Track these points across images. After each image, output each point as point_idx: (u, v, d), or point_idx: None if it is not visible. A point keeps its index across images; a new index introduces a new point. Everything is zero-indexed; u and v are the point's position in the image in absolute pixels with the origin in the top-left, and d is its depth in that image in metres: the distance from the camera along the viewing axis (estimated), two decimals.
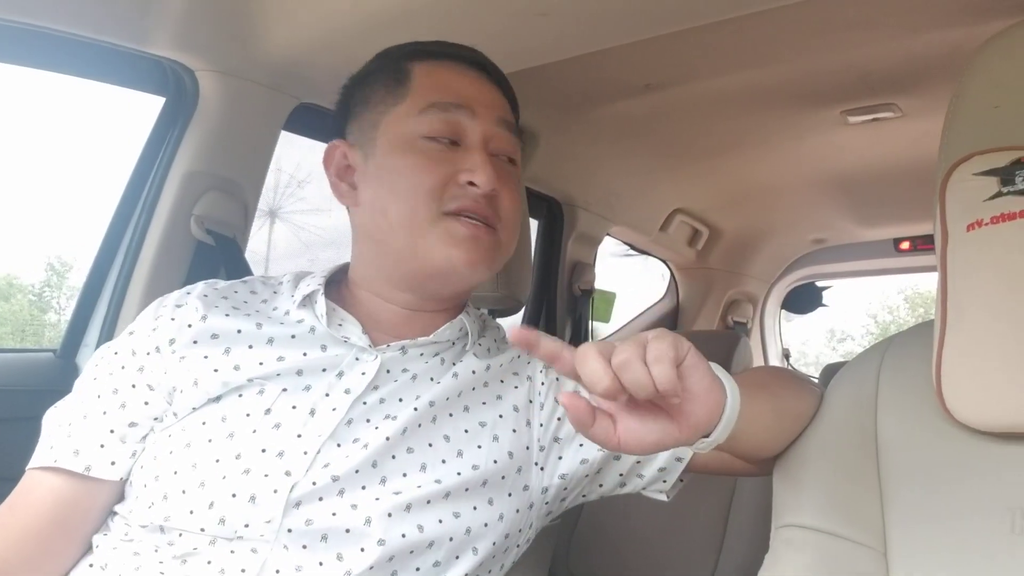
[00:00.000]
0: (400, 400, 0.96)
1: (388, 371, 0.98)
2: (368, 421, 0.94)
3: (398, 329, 1.02)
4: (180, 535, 0.87)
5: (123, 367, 0.97)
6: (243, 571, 0.85)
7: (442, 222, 0.96)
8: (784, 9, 1.28)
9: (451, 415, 0.98)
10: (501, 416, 1.01)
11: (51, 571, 0.94)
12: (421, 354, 1.01)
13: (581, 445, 1.03)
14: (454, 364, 1.03)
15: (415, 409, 0.95)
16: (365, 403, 0.94)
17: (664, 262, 3.10)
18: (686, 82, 1.75)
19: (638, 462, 1.03)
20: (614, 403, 0.69)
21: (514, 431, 1.01)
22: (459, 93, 1.00)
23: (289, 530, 0.86)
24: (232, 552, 0.86)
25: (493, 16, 1.33)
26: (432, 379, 1.00)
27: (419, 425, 0.95)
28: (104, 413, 0.95)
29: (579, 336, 2.57)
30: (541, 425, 1.03)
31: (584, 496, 1.08)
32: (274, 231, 2.59)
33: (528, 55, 1.48)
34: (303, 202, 2.63)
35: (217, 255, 1.54)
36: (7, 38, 1.30)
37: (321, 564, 0.86)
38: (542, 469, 1.02)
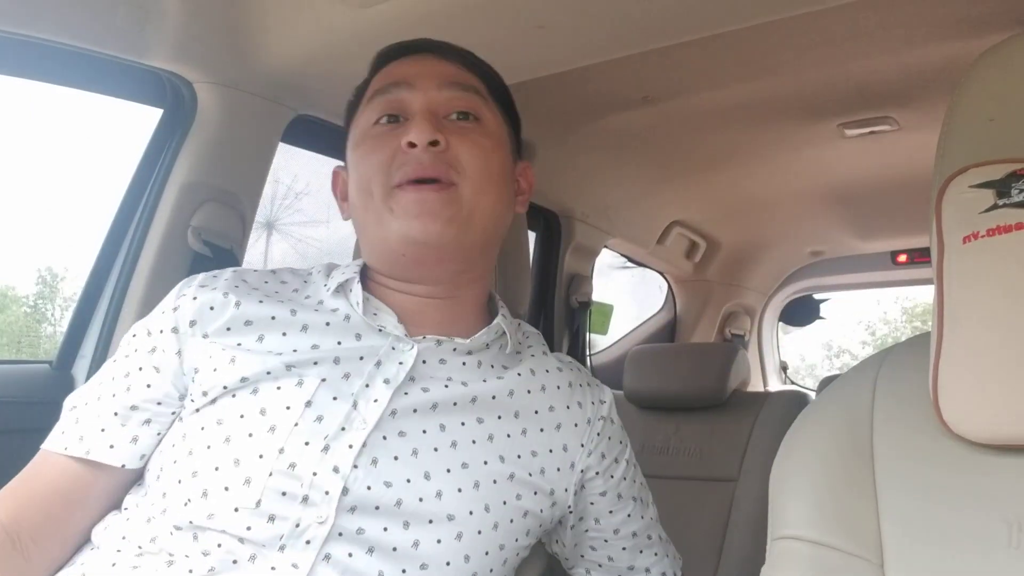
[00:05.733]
0: (442, 391, 0.95)
1: (424, 361, 0.96)
2: (415, 412, 0.93)
3: (433, 325, 1.00)
4: (219, 544, 0.84)
5: (136, 349, 0.96)
6: None
7: (392, 197, 0.94)
8: (781, 23, 1.28)
9: (499, 417, 0.98)
10: (551, 450, 1.01)
11: (55, 549, 0.93)
12: (455, 349, 0.99)
13: (598, 520, 1.07)
14: (504, 368, 1.02)
15: (455, 404, 0.95)
16: (407, 393, 0.93)
17: (662, 274, 3.10)
18: (684, 95, 1.76)
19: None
20: None
21: (558, 469, 1.01)
22: (396, 74, 1.01)
23: (340, 534, 0.85)
24: (272, 569, 0.84)
25: (491, 29, 1.34)
26: (474, 379, 0.99)
27: (462, 423, 0.95)
28: (113, 395, 0.94)
29: (576, 348, 2.57)
30: (582, 471, 1.04)
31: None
32: (271, 243, 2.59)
33: (526, 68, 1.48)
34: (300, 214, 2.63)
35: (214, 267, 1.54)
36: (6, 50, 1.31)
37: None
38: (570, 511, 1.05)
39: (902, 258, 2.97)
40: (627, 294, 3.19)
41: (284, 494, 0.85)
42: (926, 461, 0.81)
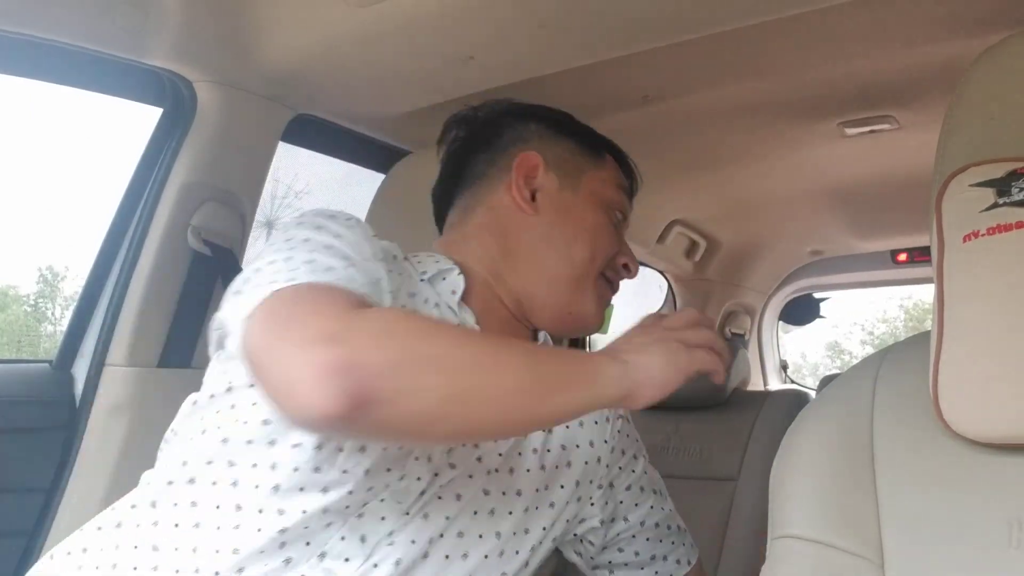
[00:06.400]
0: None
1: None
2: None
3: (497, 329, 1.08)
4: None
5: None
6: None
7: (600, 283, 1.12)
8: (782, 22, 1.28)
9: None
10: (578, 445, 1.11)
11: None
12: None
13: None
14: None
15: None
16: None
17: (662, 273, 3.10)
18: (684, 94, 1.76)
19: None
20: None
21: (586, 463, 1.11)
22: (628, 192, 1.22)
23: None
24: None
25: (491, 28, 1.34)
26: None
27: None
28: None
29: (577, 347, 2.57)
30: (607, 467, 1.15)
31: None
32: None
33: (526, 66, 1.48)
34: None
35: (214, 266, 1.54)
36: (5, 49, 1.31)
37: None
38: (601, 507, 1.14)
39: (902, 257, 2.97)
40: (627, 293, 3.19)
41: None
42: (926, 460, 0.82)
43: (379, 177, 1.59)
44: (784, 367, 3.56)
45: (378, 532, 0.91)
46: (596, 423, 1.13)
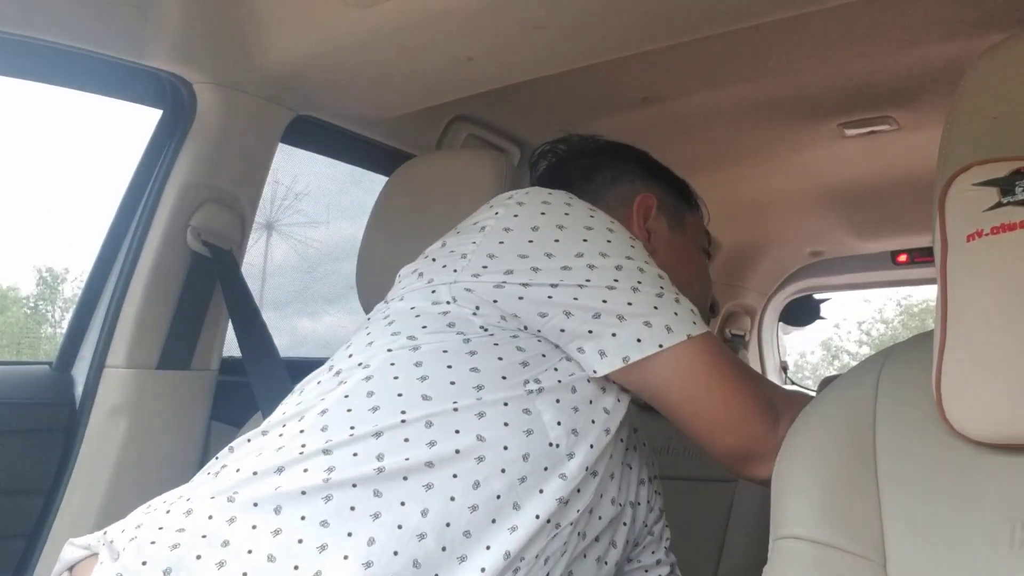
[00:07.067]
0: None
1: None
2: None
3: None
4: None
5: None
6: None
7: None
8: (781, 23, 1.28)
9: None
10: None
11: None
12: None
13: None
14: None
15: None
16: None
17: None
18: (683, 95, 1.76)
19: None
20: None
21: None
22: (708, 245, 1.29)
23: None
24: None
25: (490, 29, 1.34)
26: None
27: None
28: None
29: None
30: None
31: None
32: (271, 244, 2.59)
33: (525, 68, 1.48)
34: (300, 215, 2.63)
35: (213, 268, 1.54)
36: (6, 51, 1.30)
37: None
38: None
39: (902, 258, 2.97)
40: None
41: None
42: (929, 460, 0.81)
43: (381, 179, 1.58)
44: (784, 368, 3.56)
45: None
46: None
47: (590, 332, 0.91)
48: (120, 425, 1.47)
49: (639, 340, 0.90)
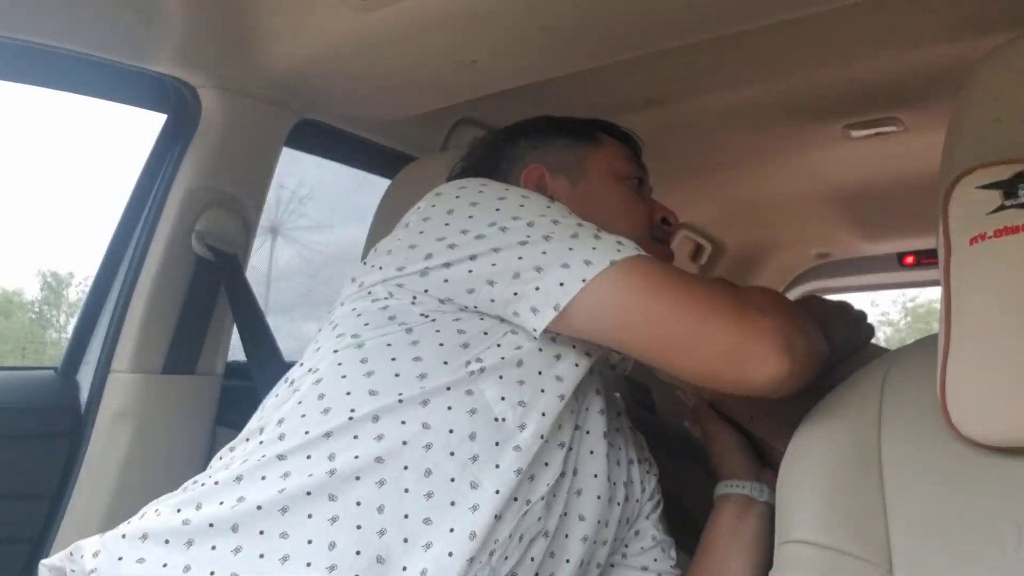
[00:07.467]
0: None
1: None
2: None
3: None
4: None
5: None
6: None
7: (650, 245, 1.12)
8: (786, 24, 1.28)
9: None
10: None
11: None
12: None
13: None
14: None
15: None
16: None
17: None
18: (688, 97, 1.76)
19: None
20: None
21: None
22: (634, 169, 1.22)
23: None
24: None
25: (494, 32, 1.34)
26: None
27: None
28: None
29: None
30: None
31: None
32: (276, 248, 2.60)
33: (530, 71, 1.48)
34: (305, 218, 2.63)
35: (218, 272, 1.54)
36: (10, 56, 1.31)
37: None
38: None
39: (909, 260, 2.96)
40: None
41: None
42: (934, 464, 0.81)
43: (384, 182, 1.58)
44: None
45: None
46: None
47: (515, 294, 0.88)
48: (125, 430, 1.47)
49: (562, 284, 0.86)
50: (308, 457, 0.84)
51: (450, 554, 0.81)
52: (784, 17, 1.27)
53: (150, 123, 1.53)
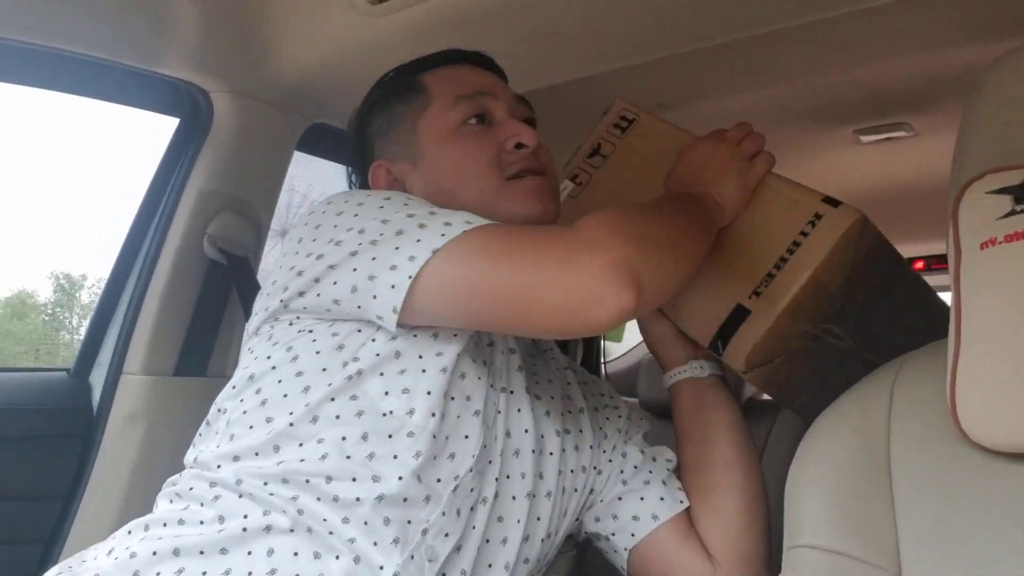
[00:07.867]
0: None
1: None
2: None
3: None
4: None
5: None
6: None
7: (509, 186, 1.04)
8: (795, 29, 1.28)
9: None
10: None
11: None
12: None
13: None
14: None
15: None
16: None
17: None
18: (698, 102, 1.76)
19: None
20: None
21: None
22: (475, 83, 1.10)
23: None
24: None
25: (504, 36, 1.34)
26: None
27: None
28: None
29: (591, 355, 2.56)
30: None
31: None
32: None
33: (539, 75, 1.48)
34: None
35: (229, 275, 1.55)
36: (24, 60, 1.32)
37: None
38: None
39: (919, 265, 2.95)
40: None
41: None
42: (944, 469, 0.81)
43: None
44: None
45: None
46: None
47: (359, 308, 0.89)
48: (137, 431, 1.48)
49: (393, 287, 0.85)
50: (221, 518, 0.86)
51: (375, 543, 0.84)
52: (794, 22, 1.27)
53: (163, 127, 1.54)
